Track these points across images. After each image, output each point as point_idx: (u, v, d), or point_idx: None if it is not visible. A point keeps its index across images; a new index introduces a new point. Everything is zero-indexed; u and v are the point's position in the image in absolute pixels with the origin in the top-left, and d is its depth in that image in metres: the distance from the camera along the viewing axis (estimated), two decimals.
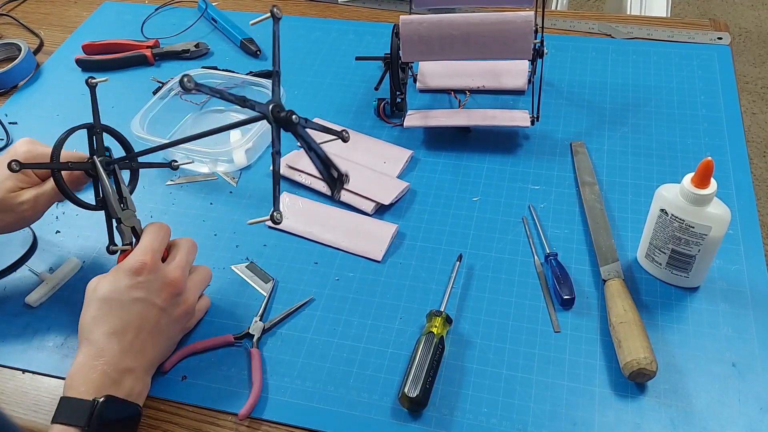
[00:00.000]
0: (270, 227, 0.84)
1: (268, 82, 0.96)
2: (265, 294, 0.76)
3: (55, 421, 0.58)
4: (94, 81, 0.72)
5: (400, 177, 0.89)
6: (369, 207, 0.85)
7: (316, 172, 0.88)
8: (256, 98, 0.97)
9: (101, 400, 0.58)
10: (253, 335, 0.72)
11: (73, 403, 0.58)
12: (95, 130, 0.71)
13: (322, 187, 0.87)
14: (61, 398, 0.59)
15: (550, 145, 0.92)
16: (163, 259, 0.67)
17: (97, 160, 0.70)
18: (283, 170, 0.90)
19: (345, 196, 0.86)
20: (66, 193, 0.69)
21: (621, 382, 0.66)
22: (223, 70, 1.04)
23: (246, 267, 0.79)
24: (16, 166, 0.65)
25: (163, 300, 0.64)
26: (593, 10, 2.26)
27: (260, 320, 0.73)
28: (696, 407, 0.64)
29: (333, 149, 0.91)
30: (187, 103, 1.00)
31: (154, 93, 0.97)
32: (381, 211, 0.85)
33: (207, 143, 0.92)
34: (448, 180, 0.88)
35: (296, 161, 0.90)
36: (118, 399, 0.59)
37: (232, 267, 0.80)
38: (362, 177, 0.87)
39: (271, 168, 0.62)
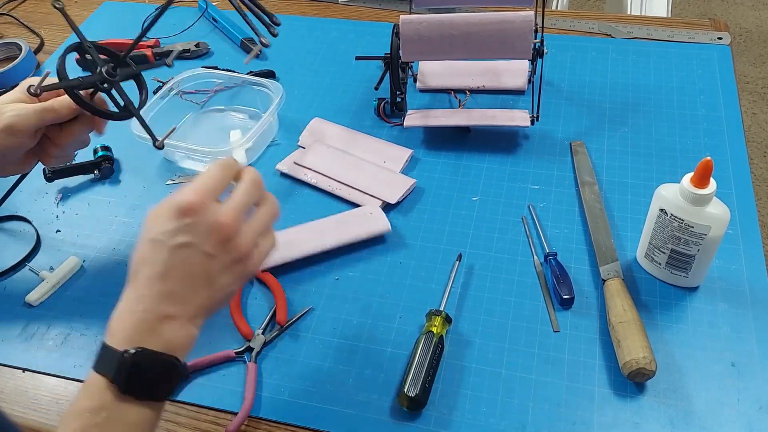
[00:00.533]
0: None
1: (268, 82, 0.96)
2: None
3: (93, 367, 0.54)
4: (59, 4, 0.72)
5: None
6: (375, 205, 0.85)
7: (321, 169, 0.88)
8: (256, 97, 0.99)
9: (131, 352, 0.52)
10: (253, 348, 0.71)
11: (107, 351, 0.53)
12: (85, 45, 0.71)
13: (327, 186, 0.87)
14: (101, 343, 0.54)
15: (550, 145, 0.92)
16: None
17: (102, 69, 0.70)
18: (287, 168, 0.90)
19: (349, 195, 0.86)
20: (86, 105, 0.69)
21: (620, 382, 0.67)
22: (223, 69, 1.04)
23: None
24: (35, 91, 0.66)
25: (211, 246, 0.56)
26: (593, 10, 2.26)
27: (262, 333, 0.73)
28: (695, 406, 0.64)
29: (334, 146, 0.91)
30: (187, 103, 1.00)
31: (155, 92, 0.97)
32: (384, 210, 0.85)
33: (207, 143, 0.93)
34: (448, 179, 0.88)
35: (302, 158, 0.91)
36: (151, 352, 0.53)
37: None
38: (367, 174, 0.88)
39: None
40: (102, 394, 0.52)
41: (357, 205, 0.85)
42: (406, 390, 0.64)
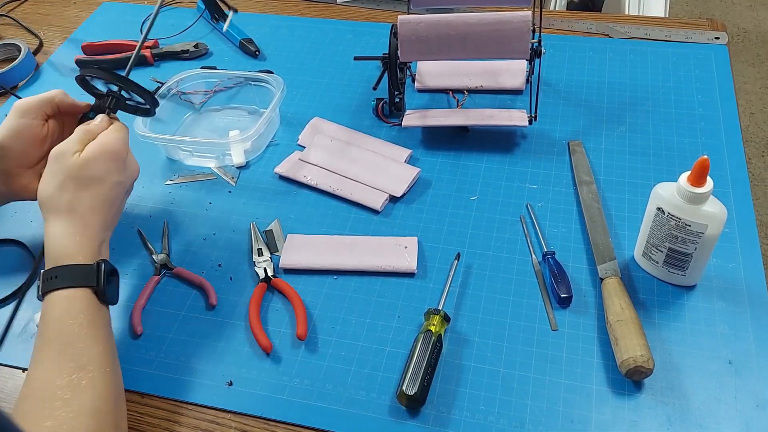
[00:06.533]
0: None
1: (269, 77, 0.97)
2: None
3: (58, 287, 0.63)
4: None
5: None
6: (379, 201, 0.85)
7: (324, 163, 0.89)
8: (255, 95, 0.99)
9: (102, 262, 0.65)
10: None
11: (77, 269, 0.64)
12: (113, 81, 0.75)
13: (328, 186, 0.88)
14: (58, 267, 0.64)
15: (548, 145, 0.92)
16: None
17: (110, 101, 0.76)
18: (286, 170, 0.90)
19: (351, 194, 0.86)
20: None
21: (618, 380, 0.67)
22: (222, 69, 1.04)
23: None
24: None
25: (127, 180, 0.72)
26: (591, 11, 2.26)
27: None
28: (692, 404, 0.65)
29: (332, 149, 0.92)
30: (186, 103, 1.00)
31: (153, 93, 0.97)
32: (384, 210, 0.85)
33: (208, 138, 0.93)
34: (446, 179, 0.89)
35: (306, 155, 0.91)
36: (106, 263, 0.66)
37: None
38: (370, 165, 0.88)
39: None
40: (82, 301, 0.63)
41: (358, 205, 0.86)
42: (404, 388, 0.65)
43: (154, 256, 0.81)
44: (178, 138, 0.94)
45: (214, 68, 1.06)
